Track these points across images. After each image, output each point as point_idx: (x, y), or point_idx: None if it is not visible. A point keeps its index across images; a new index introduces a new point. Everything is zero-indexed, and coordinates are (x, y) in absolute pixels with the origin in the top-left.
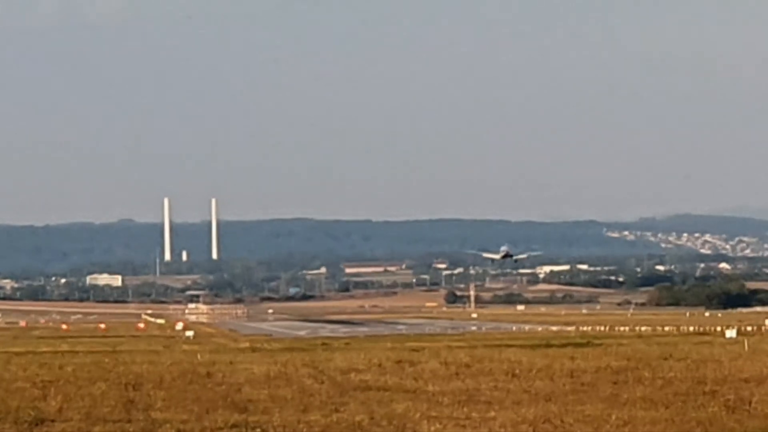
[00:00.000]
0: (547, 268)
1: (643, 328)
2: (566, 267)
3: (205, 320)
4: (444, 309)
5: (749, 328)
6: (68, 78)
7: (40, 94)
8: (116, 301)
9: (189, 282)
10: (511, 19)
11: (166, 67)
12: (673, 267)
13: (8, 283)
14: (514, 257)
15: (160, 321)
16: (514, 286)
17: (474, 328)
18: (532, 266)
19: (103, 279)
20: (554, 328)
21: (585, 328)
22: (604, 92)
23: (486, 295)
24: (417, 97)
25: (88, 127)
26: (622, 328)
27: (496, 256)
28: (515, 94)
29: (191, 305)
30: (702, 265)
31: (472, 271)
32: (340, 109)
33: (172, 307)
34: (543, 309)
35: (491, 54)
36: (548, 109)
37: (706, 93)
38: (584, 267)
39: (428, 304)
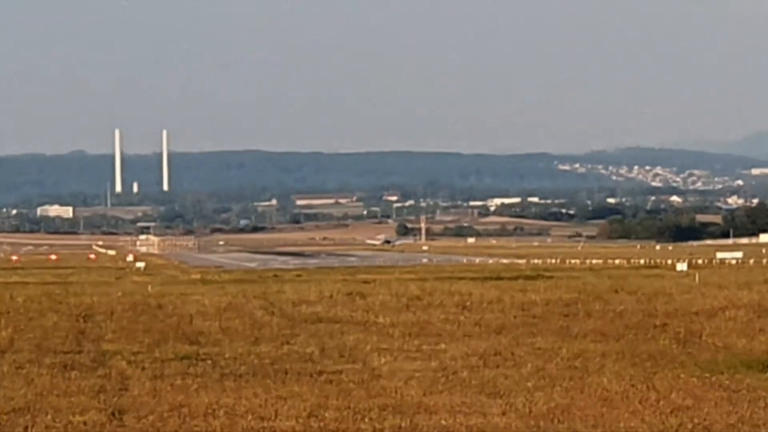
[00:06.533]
0: (497, 201)
1: (594, 261)
2: (517, 199)
3: (155, 252)
4: None
5: (700, 261)
6: (18, 8)
7: None
8: (67, 233)
9: (140, 213)
10: None
11: None
12: (623, 200)
13: None
14: (392, 243)
15: (111, 252)
16: (465, 219)
17: (425, 260)
18: (483, 198)
19: (54, 210)
20: (505, 261)
21: (536, 261)
22: (560, 24)
23: (437, 228)
24: (368, 28)
25: (40, 58)
26: (573, 261)
27: (377, 242)
28: (468, 26)
29: (142, 237)
30: (653, 197)
31: (422, 204)
32: (290, 40)
33: (122, 238)
34: (494, 241)
35: None
36: (500, 41)
37: (659, 26)
38: (535, 200)
39: (379, 236)
